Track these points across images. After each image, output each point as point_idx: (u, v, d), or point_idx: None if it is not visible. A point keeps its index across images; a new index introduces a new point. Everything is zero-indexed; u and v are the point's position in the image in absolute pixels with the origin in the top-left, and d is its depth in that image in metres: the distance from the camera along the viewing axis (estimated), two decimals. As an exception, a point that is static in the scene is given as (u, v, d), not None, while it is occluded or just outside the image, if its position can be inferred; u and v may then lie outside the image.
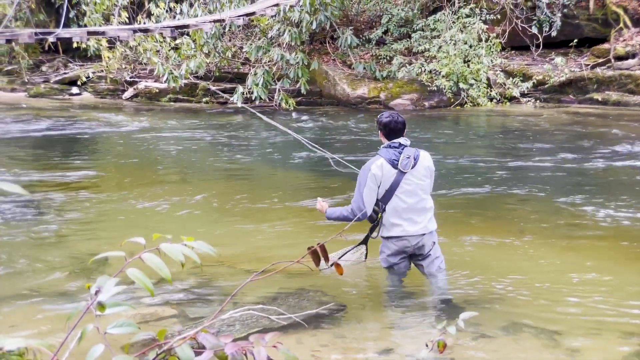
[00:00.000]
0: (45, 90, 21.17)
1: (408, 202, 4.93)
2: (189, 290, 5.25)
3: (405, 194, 4.92)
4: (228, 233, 7.01)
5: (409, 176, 4.92)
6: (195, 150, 12.49)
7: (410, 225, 4.97)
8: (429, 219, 5.04)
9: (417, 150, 4.99)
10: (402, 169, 4.90)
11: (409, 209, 4.94)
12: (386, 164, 4.92)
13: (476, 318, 4.54)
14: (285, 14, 16.59)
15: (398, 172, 4.91)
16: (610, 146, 11.54)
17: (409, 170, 4.91)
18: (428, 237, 5.03)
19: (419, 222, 4.98)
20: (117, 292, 1.62)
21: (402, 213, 4.95)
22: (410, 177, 4.92)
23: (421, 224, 4.98)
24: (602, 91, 16.22)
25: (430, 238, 5.06)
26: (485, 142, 12.47)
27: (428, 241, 5.04)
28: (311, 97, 17.98)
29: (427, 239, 5.03)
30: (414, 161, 4.91)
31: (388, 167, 4.91)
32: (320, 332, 4.47)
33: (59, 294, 5.25)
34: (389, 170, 4.92)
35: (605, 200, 8.05)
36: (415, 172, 4.93)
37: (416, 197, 4.94)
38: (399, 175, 4.91)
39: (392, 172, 4.92)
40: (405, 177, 4.91)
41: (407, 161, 4.90)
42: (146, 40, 18.32)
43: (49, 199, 8.35)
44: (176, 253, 1.71)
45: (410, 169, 4.91)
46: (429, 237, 5.04)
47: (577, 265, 5.85)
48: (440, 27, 17.54)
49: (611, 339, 4.39)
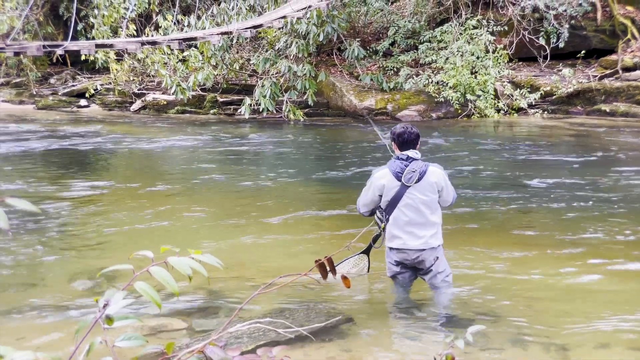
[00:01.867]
0: (53, 103, 21.30)
1: (410, 215, 4.92)
2: (197, 303, 5.24)
3: (407, 207, 4.92)
4: (235, 245, 7.00)
5: (412, 190, 4.90)
6: (202, 162, 12.51)
7: (410, 239, 4.96)
8: (432, 235, 4.97)
9: (426, 165, 4.94)
10: (406, 182, 4.89)
11: (410, 222, 4.93)
12: (390, 176, 4.93)
13: (484, 331, 4.53)
14: (293, 26, 16.68)
15: (401, 185, 4.90)
16: (618, 158, 11.51)
17: (412, 185, 4.89)
18: (429, 252, 4.98)
19: (420, 237, 4.95)
20: (125, 305, 1.62)
21: (404, 226, 4.95)
22: (414, 191, 4.90)
23: (422, 239, 4.95)
24: (610, 102, 16.19)
25: (432, 253, 5.00)
26: (492, 154, 12.45)
27: (429, 256, 4.99)
28: (318, 109, 18.01)
29: (427, 254, 4.98)
30: (419, 175, 4.88)
31: (391, 179, 4.92)
32: (327, 345, 4.46)
33: (67, 307, 5.26)
34: (392, 182, 4.92)
35: (613, 213, 8.01)
36: (419, 187, 4.90)
37: (418, 211, 4.91)
38: (402, 188, 4.91)
39: (395, 184, 4.92)
40: (408, 190, 4.90)
41: (411, 175, 4.88)
42: (154, 53, 18.45)
43: (56, 212, 8.37)
44: (184, 266, 1.71)
45: (414, 183, 4.89)
46: (430, 252, 4.98)
47: (586, 278, 5.82)
48: (448, 38, 17.57)
49: (620, 352, 4.36)
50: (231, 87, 19.41)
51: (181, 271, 1.70)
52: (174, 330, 4.70)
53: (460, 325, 4.73)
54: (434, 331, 4.73)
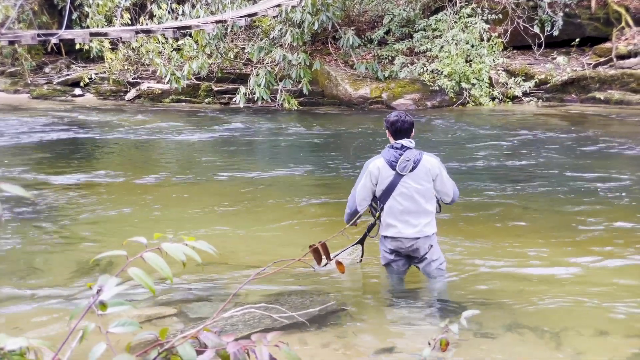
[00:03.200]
0: (48, 92, 21.21)
1: (404, 204, 4.93)
2: (192, 290, 5.25)
3: (401, 196, 4.92)
4: (230, 232, 7.01)
5: (406, 179, 4.90)
6: (196, 151, 12.50)
7: (405, 227, 4.96)
8: (426, 223, 4.98)
9: (420, 154, 4.93)
10: (400, 171, 4.88)
11: (405, 211, 4.94)
12: (384, 165, 4.93)
13: (479, 317, 4.55)
14: (287, 14, 16.62)
15: (395, 174, 4.90)
16: (612, 146, 11.53)
17: (407, 173, 4.89)
18: (423, 240, 4.99)
19: (415, 225, 4.95)
20: (118, 292, 1.62)
21: (398, 215, 4.96)
22: (408, 180, 4.90)
23: (417, 228, 4.95)
24: (604, 90, 16.20)
25: (426, 241, 5.01)
26: (487, 142, 12.45)
27: (423, 244, 5.00)
28: (313, 98, 17.98)
29: (421, 243, 4.99)
30: (413, 164, 4.88)
31: (386, 168, 4.92)
32: (323, 332, 4.48)
33: (60, 294, 5.26)
34: (387, 171, 4.92)
35: (608, 202, 8.04)
36: (413, 176, 4.89)
37: (413, 200, 4.92)
38: (396, 177, 4.90)
39: (390, 173, 4.92)
40: (402, 179, 4.90)
41: (405, 164, 4.88)
42: (148, 42, 18.39)
43: (50, 200, 8.37)
44: (177, 252, 1.71)
45: (408, 172, 4.89)
46: (424, 240, 4.99)
47: (581, 264, 5.84)
48: (442, 27, 17.54)
49: (616, 338, 4.38)
50: (226, 76, 19.35)
51: (174, 257, 1.70)
52: (169, 316, 4.71)
53: (455, 312, 4.76)
54: (429, 317, 4.76)
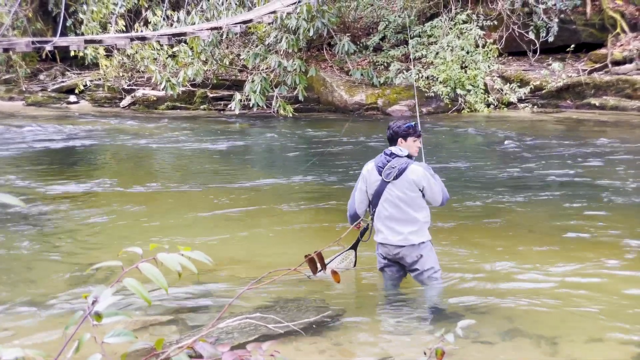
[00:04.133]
0: (42, 99, 21.20)
1: (390, 211, 4.97)
2: (187, 300, 5.24)
3: (387, 202, 4.97)
4: (226, 241, 7.00)
5: (391, 186, 4.94)
6: (192, 158, 12.49)
7: (391, 234, 4.99)
8: (412, 232, 4.95)
9: (407, 163, 4.93)
10: (385, 178, 4.94)
11: (390, 217, 4.97)
12: (373, 169, 5.02)
13: (474, 325, 4.54)
14: (283, 21, 16.65)
15: (382, 180, 4.96)
16: (607, 152, 11.57)
17: (391, 181, 4.92)
18: (408, 249, 4.97)
19: (400, 232, 4.96)
20: (114, 302, 1.62)
21: (384, 220, 5.00)
22: (393, 187, 4.93)
23: (401, 236, 4.95)
24: (599, 96, 16.26)
25: (413, 251, 4.98)
26: (482, 148, 12.48)
27: (410, 253, 4.98)
28: (309, 104, 18.02)
29: (407, 251, 4.98)
30: (397, 172, 4.89)
31: (374, 173, 5.01)
32: (319, 340, 4.47)
33: (56, 304, 5.24)
34: (375, 176, 5.00)
35: (603, 208, 8.06)
36: (397, 184, 4.91)
37: (398, 208, 4.94)
38: (382, 183, 4.97)
39: (377, 178, 4.99)
40: (387, 186, 4.95)
41: (390, 171, 4.92)
42: (143, 48, 18.40)
43: (45, 209, 8.33)
44: (173, 263, 1.71)
45: (392, 180, 4.92)
46: (410, 249, 4.97)
47: (577, 271, 5.84)
48: (437, 33, 17.60)
49: (611, 345, 4.38)
50: (221, 82, 19.39)
51: (170, 267, 1.70)
52: (165, 326, 4.69)
53: (451, 320, 4.75)
54: (424, 325, 4.75)
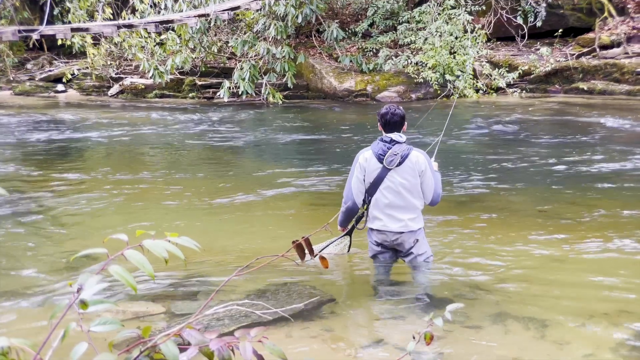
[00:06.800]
0: (30, 88, 21.02)
1: (390, 198, 4.94)
2: (175, 287, 5.23)
3: (387, 190, 4.93)
4: (216, 228, 6.99)
5: (392, 173, 4.90)
6: (181, 147, 12.44)
7: (390, 221, 4.98)
8: (412, 218, 4.98)
9: (409, 149, 4.92)
10: (387, 165, 4.89)
11: (390, 205, 4.95)
12: (372, 157, 4.93)
13: (465, 309, 4.58)
14: (271, 7, 16.56)
15: (383, 167, 4.91)
16: (594, 136, 11.61)
17: (393, 168, 4.89)
18: (408, 235, 5.00)
19: (400, 219, 4.96)
20: (100, 290, 1.60)
21: (384, 208, 4.97)
22: (395, 174, 4.90)
23: (402, 223, 4.96)
24: (587, 80, 16.31)
25: (411, 236, 5.01)
26: (471, 133, 12.50)
27: (408, 239, 5.01)
28: (298, 91, 17.96)
29: (406, 237, 5.00)
30: (400, 159, 4.87)
31: (374, 161, 4.93)
32: (309, 326, 4.48)
33: (41, 292, 5.21)
34: (374, 164, 4.93)
35: (592, 190, 8.10)
36: (400, 171, 4.89)
37: (399, 195, 4.93)
38: (383, 170, 4.91)
39: (377, 166, 4.92)
40: (389, 173, 4.91)
41: (392, 158, 4.87)
42: (131, 36, 18.25)
43: (31, 198, 8.29)
44: (159, 249, 1.69)
45: (395, 167, 4.89)
46: (409, 235, 5.00)
47: (566, 255, 5.88)
48: (426, 19, 17.55)
49: (600, 328, 4.41)
50: (210, 70, 19.27)
51: (157, 254, 1.68)
52: (154, 314, 4.68)
53: (440, 304, 4.76)
54: (414, 310, 4.76)
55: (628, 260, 5.72)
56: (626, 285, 5.13)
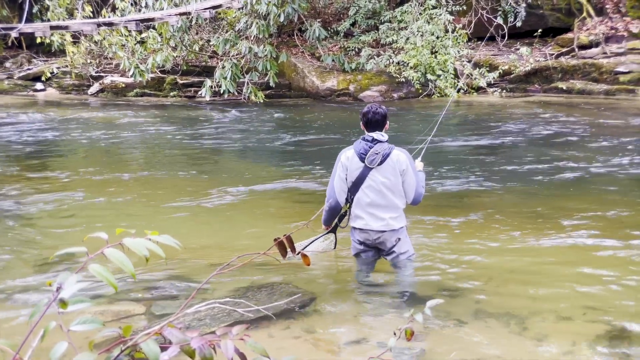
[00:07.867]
0: (8, 87, 20.79)
1: (371, 197, 4.95)
2: (156, 286, 5.20)
3: (369, 189, 4.95)
4: (197, 227, 6.97)
5: (374, 172, 4.92)
6: (161, 146, 12.37)
7: (372, 220, 5.00)
8: (394, 217, 5.01)
9: (390, 148, 4.93)
10: (368, 164, 4.90)
11: (372, 204, 4.97)
12: (354, 156, 4.94)
13: (446, 305, 4.60)
14: (253, 6, 16.50)
15: (364, 166, 4.92)
16: (573, 135, 11.72)
17: (375, 167, 4.90)
18: (390, 234, 5.02)
19: (382, 218, 4.99)
20: (80, 289, 1.59)
21: (366, 207, 4.99)
22: (376, 173, 4.92)
23: (383, 222, 4.99)
24: (566, 80, 16.47)
25: (393, 235, 5.04)
26: (452, 133, 12.56)
27: (390, 237, 5.04)
28: (280, 90, 17.94)
29: (388, 236, 5.03)
30: (381, 158, 4.88)
31: (356, 160, 4.94)
32: (291, 324, 4.48)
33: (21, 291, 5.16)
34: (356, 163, 4.94)
35: (573, 187, 8.18)
36: (381, 170, 4.91)
37: (380, 194, 4.95)
38: (365, 169, 4.93)
39: (359, 165, 4.94)
40: (371, 172, 4.92)
41: (374, 157, 4.89)
42: (111, 35, 18.12)
43: (7, 196, 8.20)
44: (140, 247, 1.69)
45: (376, 166, 4.90)
46: (391, 234, 5.03)
47: (545, 251, 5.93)
48: (408, 18, 17.61)
49: (579, 323, 4.46)
50: (191, 68, 19.20)
51: (137, 252, 1.68)
52: (135, 315, 4.65)
53: (422, 302, 4.77)
54: (397, 308, 4.78)
55: (606, 258, 5.78)
56: (604, 283, 5.18)
